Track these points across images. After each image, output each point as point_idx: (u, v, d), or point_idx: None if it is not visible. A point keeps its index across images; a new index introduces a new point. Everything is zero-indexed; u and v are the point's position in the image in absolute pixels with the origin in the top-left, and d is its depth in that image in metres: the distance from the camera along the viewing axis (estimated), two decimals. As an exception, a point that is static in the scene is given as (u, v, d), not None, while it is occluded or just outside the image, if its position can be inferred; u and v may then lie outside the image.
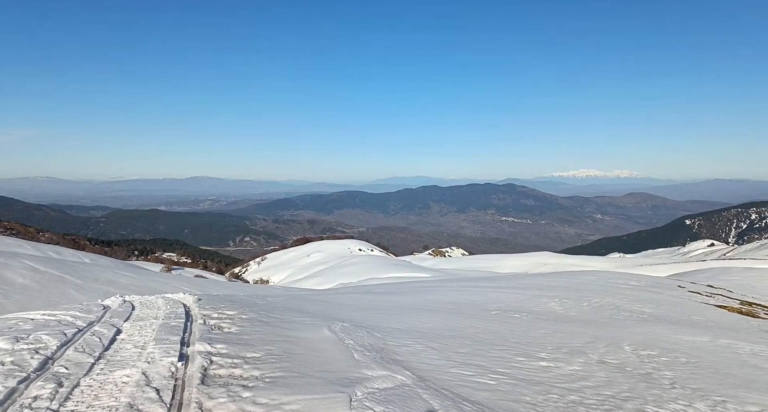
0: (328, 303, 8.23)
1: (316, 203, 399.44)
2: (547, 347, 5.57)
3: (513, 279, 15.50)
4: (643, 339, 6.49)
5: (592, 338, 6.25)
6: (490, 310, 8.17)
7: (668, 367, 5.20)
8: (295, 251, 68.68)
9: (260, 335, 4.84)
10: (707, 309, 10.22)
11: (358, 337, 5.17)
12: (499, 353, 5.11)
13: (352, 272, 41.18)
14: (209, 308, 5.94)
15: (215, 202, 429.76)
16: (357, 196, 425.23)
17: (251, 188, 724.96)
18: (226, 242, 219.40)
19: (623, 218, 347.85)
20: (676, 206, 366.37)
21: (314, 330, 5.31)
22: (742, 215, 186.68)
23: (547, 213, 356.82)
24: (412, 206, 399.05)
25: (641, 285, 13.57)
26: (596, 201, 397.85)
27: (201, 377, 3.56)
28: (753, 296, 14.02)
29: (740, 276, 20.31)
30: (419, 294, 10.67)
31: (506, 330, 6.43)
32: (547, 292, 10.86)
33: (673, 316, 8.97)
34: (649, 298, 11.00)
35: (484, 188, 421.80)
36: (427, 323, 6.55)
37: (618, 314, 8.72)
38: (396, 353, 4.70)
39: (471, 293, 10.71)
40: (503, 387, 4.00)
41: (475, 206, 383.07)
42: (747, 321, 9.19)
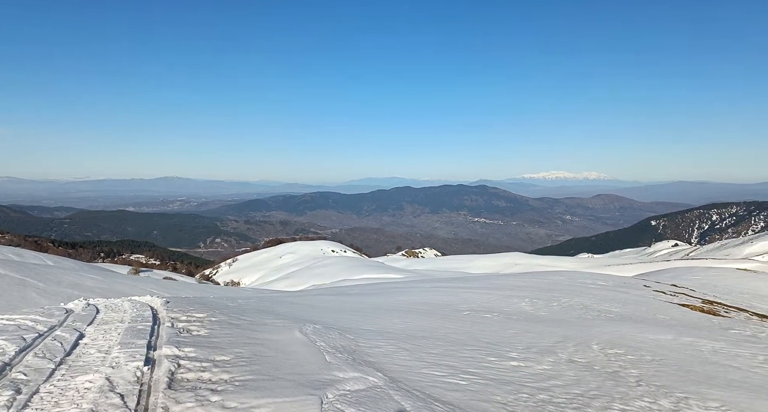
0: (299, 305, 8.15)
1: (288, 204, 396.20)
2: (517, 347, 5.63)
3: (484, 279, 15.65)
4: (611, 338, 6.63)
5: (562, 338, 6.35)
6: (462, 310, 8.22)
7: (634, 365, 5.31)
8: (267, 253, 67.98)
9: (230, 337, 4.76)
10: (671, 308, 10.51)
11: (329, 339, 5.13)
12: (470, 354, 5.15)
13: (325, 274, 40.97)
14: (178, 311, 5.81)
15: (185, 202, 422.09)
16: (330, 197, 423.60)
17: (222, 189, 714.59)
18: (196, 243, 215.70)
19: (592, 218, 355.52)
20: (642, 207, 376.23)
21: (285, 332, 5.24)
22: (703, 216, 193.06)
23: (518, 214, 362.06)
24: (385, 207, 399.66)
25: (609, 285, 13.86)
26: (566, 202, 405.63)
27: (168, 381, 3.48)
28: (714, 295, 14.47)
29: (702, 275, 20.95)
30: (392, 295, 10.67)
31: (478, 330, 6.48)
32: (518, 292, 11.00)
33: (639, 315, 9.19)
34: (617, 297, 11.25)
35: (457, 189, 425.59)
36: (399, 324, 6.55)
37: (586, 313, 8.89)
38: (368, 355, 4.68)
39: (443, 293, 10.76)
40: (474, 387, 4.02)
41: (447, 206, 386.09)
42: (708, 319, 9.48)
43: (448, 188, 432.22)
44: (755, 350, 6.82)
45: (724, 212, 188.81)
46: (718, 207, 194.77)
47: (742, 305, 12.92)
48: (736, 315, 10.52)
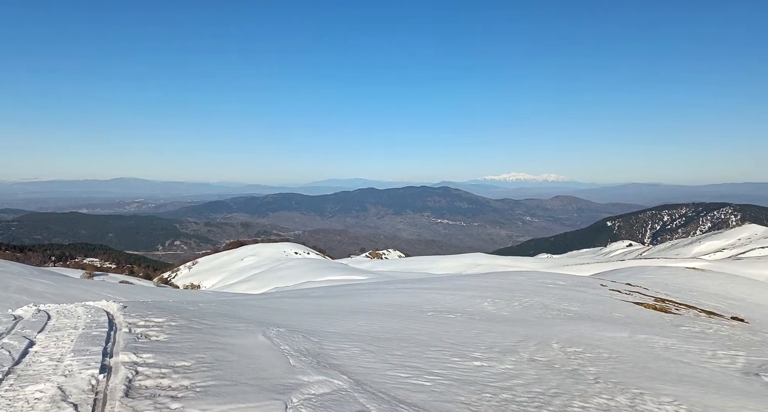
0: (262, 308, 8.03)
1: (250, 206, 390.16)
2: (480, 347, 5.71)
3: (448, 280, 15.81)
4: (570, 337, 6.80)
5: (523, 337, 6.47)
6: (426, 311, 8.28)
7: (592, 363, 5.47)
8: (228, 255, 66.72)
9: (191, 342, 4.64)
10: (626, 306, 10.86)
11: (293, 342, 5.07)
12: (434, 354, 5.18)
13: (288, 276, 40.52)
14: (135, 316, 5.63)
15: (142, 204, 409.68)
16: (293, 199, 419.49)
17: (181, 190, 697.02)
18: (154, 246, 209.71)
19: (551, 219, 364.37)
20: (598, 208, 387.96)
21: (248, 336, 5.15)
22: (656, 216, 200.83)
23: (479, 215, 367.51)
24: (349, 208, 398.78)
25: (567, 284, 14.23)
26: (526, 204, 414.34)
27: (125, 389, 3.36)
28: (665, 293, 15.04)
29: (654, 274, 21.76)
30: (356, 297, 10.65)
31: (441, 331, 6.53)
32: (481, 292, 11.15)
33: (596, 313, 9.46)
34: (575, 297, 11.55)
35: (420, 191, 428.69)
36: (363, 325, 6.54)
37: (547, 312, 9.09)
38: (333, 358, 4.65)
39: (407, 294, 10.81)
40: (439, 388, 4.05)
41: (411, 208, 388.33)
42: (661, 317, 9.84)
43: (412, 190, 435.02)
44: (704, 345, 7.12)
45: (675, 212, 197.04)
46: (669, 208, 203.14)
47: (691, 302, 13.47)
48: (685, 312, 10.96)
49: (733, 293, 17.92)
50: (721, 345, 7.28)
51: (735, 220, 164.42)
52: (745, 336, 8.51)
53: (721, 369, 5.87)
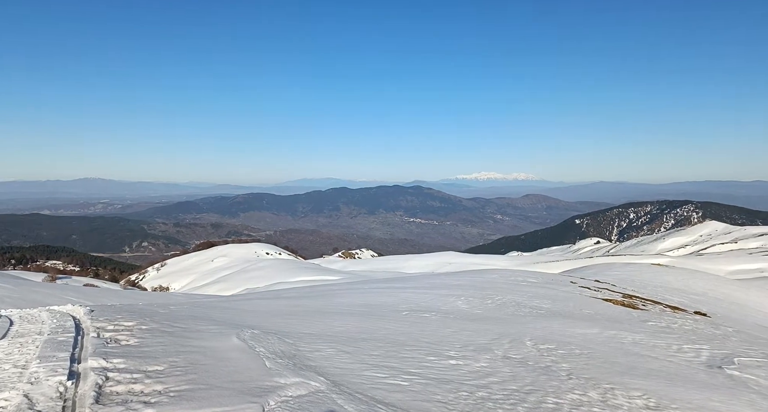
0: (235, 310, 7.92)
1: (220, 206, 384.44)
2: (455, 345, 5.75)
3: (421, 279, 15.89)
4: (542, 334, 6.91)
5: (497, 335, 6.55)
6: (401, 311, 8.30)
7: (565, 359, 5.57)
8: (198, 256, 65.58)
9: (163, 346, 4.54)
10: (596, 303, 11.11)
11: (268, 344, 5.01)
12: (410, 354, 5.20)
13: (260, 277, 40.07)
14: (104, 320, 5.48)
15: (108, 205, 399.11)
16: (264, 199, 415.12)
17: (149, 190, 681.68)
18: (121, 247, 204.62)
19: (521, 218, 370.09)
20: (567, 206, 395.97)
21: (222, 339, 5.07)
22: (622, 214, 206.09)
23: (452, 214, 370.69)
24: (321, 208, 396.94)
25: (539, 282, 14.47)
26: (497, 202, 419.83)
27: (95, 395, 3.26)
28: (632, 289, 15.44)
29: (621, 271, 22.32)
30: (330, 297, 10.60)
31: (417, 330, 6.56)
32: (454, 291, 11.24)
33: (567, 310, 9.65)
34: (546, 294, 11.76)
35: (393, 190, 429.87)
36: (339, 326, 6.52)
37: (519, 310, 9.22)
38: (309, 359, 4.62)
39: (381, 294, 10.82)
40: (416, 387, 4.07)
41: (384, 207, 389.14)
42: (629, 313, 10.10)
43: (385, 189, 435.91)
44: (670, 340, 7.34)
45: (640, 210, 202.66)
46: (634, 206, 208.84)
47: (656, 298, 13.86)
48: (652, 308, 11.27)
49: (695, 288, 18.53)
50: (686, 339, 7.51)
51: (696, 217, 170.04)
52: (707, 330, 8.80)
53: (687, 363, 6.05)
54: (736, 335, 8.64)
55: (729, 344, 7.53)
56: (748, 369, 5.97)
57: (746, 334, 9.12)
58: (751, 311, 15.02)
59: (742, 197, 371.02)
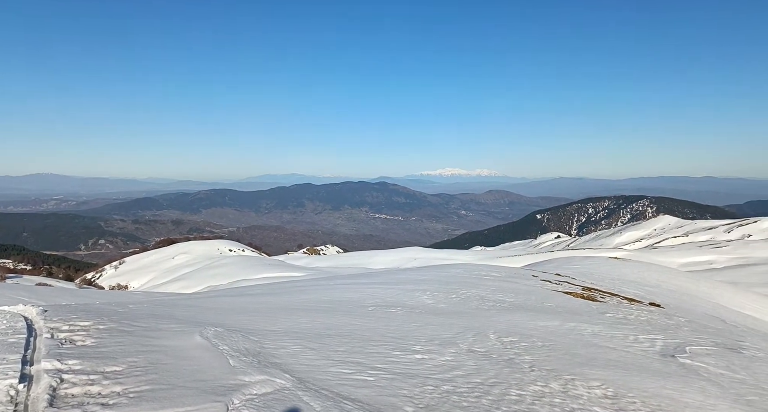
0: (198, 307, 7.76)
1: (181, 202, 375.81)
2: (421, 340, 5.80)
3: (387, 274, 15.94)
4: (506, 327, 7.04)
5: (462, 329, 6.63)
6: (367, 306, 8.30)
7: (527, 351, 5.69)
8: (158, 254, 63.93)
9: (122, 346, 4.41)
10: (556, 296, 11.39)
11: (232, 342, 4.93)
12: (376, 349, 5.21)
13: (222, 274, 39.39)
14: (58, 320, 5.26)
15: (62, 201, 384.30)
16: (226, 195, 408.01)
17: (106, 187, 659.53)
18: (76, 245, 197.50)
19: (484, 213, 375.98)
20: (528, 202, 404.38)
21: (184, 337, 4.96)
22: (581, 209, 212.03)
23: (416, 210, 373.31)
24: (285, 204, 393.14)
25: (501, 276, 14.73)
26: (460, 198, 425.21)
27: (49, 398, 3.13)
28: (591, 282, 15.90)
29: (581, 264, 22.97)
30: (295, 294, 10.52)
31: (382, 325, 6.57)
32: (420, 286, 11.32)
33: (530, 303, 9.86)
34: (509, 288, 11.98)
35: (358, 186, 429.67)
36: (304, 323, 6.47)
37: (483, 304, 9.36)
38: (274, 356, 4.57)
39: (347, 290, 10.80)
40: (382, 383, 4.08)
41: (349, 203, 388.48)
42: (588, 305, 10.40)
43: (350, 185, 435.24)
44: (627, 331, 7.59)
45: (598, 205, 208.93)
46: (593, 201, 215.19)
47: (614, 290, 14.32)
48: (610, 300, 11.64)
49: (650, 280, 19.24)
50: (641, 330, 7.79)
51: (651, 211, 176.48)
52: (661, 320, 9.15)
53: (642, 352, 6.27)
54: (688, 325, 9.02)
55: (681, 334, 7.85)
56: (699, 357, 6.24)
57: (696, 323, 9.53)
58: (700, 302, 15.70)
59: (693, 192, 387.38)
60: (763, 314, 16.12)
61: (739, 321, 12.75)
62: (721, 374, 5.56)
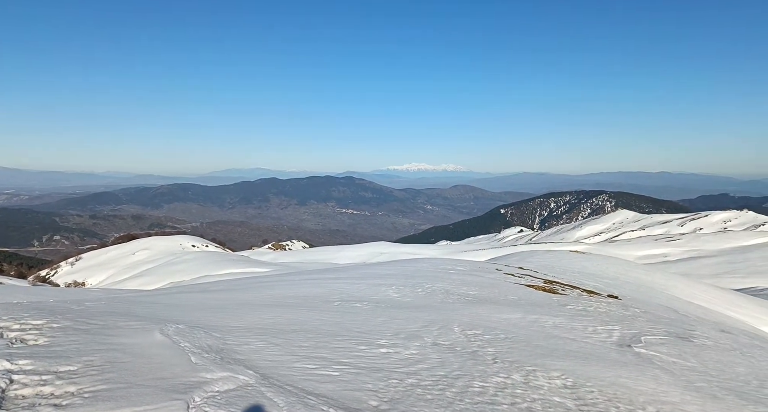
0: (159, 304, 7.57)
1: (141, 197, 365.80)
2: (386, 334, 5.81)
3: (353, 269, 15.92)
4: (470, 320, 7.14)
5: (427, 322, 6.69)
6: (332, 301, 8.28)
7: (490, 344, 5.78)
8: (118, 250, 62.05)
9: (77, 345, 4.26)
10: (519, 289, 11.61)
11: (194, 338, 4.83)
12: (341, 344, 5.20)
13: (185, 270, 38.57)
14: (8, 319, 5.05)
15: (13, 196, 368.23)
16: (189, 189, 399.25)
17: (61, 181, 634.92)
18: (28, 241, 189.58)
19: (450, 208, 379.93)
20: (493, 196, 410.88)
21: (144, 335, 4.83)
22: (543, 204, 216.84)
23: (383, 205, 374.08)
24: (250, 199, 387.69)
25: (466, 270, 14.92)
26: (427, 193, 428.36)
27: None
28: (553, 275, 16.28)
29: (543, 258, 23.48)
30: (260, 290, 10.39)
31: (348, 320, 6.57)
32: (386, 280, 11.36)
33: (493, 297, 10.02)
34: (473, 281, 12.15)
35: (325, 181, 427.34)
36: (268, 318, 6.40)
37: (448, 297, 9.47)
38: (237, 353, 4.50)
39: (313, 285, 10.74)
40: (346, 377, 4.07)
41: (315, 198, 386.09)
42: (549, 297, 10.64)
43: (316, 180, 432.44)
44: (586, 322, 7.81)
45: (560, 200, 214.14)
46: (555, 196, 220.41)
47: (574, 283, 14.70)
48: (570, 292, 11.94)
49: (609, 272, 19.84)
50: (600, 321, 8.02)
51: (610, 206, 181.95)
52: (619, 312, 9.45)
53: (601, 343, 6.47)
54: (643, 316, 9.34)
55: (637, 324, 8.13)
56: (653, 347, 6.47)
57: (652, 314, 9.89)
58: (656, 293, 16.29)
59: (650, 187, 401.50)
60: (713, 304, 16.86)
61: (690, 311, 13.30)
62: (674, 362, 5.79)
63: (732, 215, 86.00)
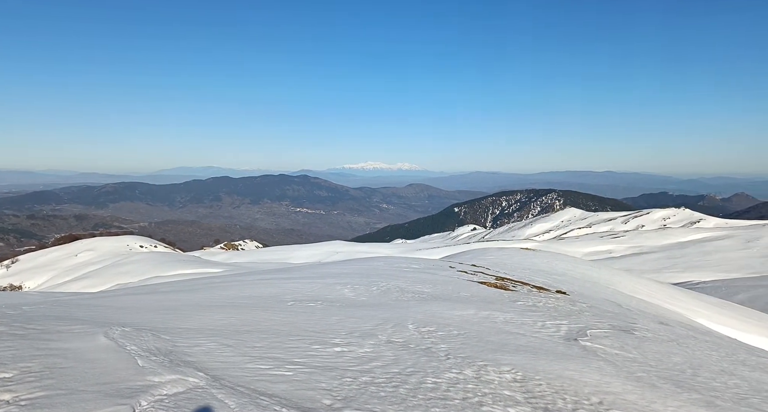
0: (104, 307, 7.27)
1: (85, 196, 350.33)
2: (341, 333, 5.80)
3: (308, 269, 15.80)
4: (424, 317, 7.22)
5: (381, 320, 6.72)
6: (286, 301, 8.18)
7: (443, 340, 5.87)
8: (59, 251, 59.15)
9: (13, 351, 4.04)
10: (472, 285, 11.83)
11: (142, 341, 4.67)
12: (295, 343, 5.15)
13: (132, 271, 37.21)
14: (-64, 326, 4.74)
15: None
16: (137, 188, 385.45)
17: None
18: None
19: (405, 206, 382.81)
20: (447, 195, 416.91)
21: (87, 339, 4.63)
22: (495, 202, 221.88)
23: (339, 203, 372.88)
24: (201, 198, 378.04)
25: (421, 268, 15.07)
26: (382, 192, 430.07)
27: (-76, 413, 2.82)
28: (505, 272, 16.67)
29: (495, 255, 24.00)
30: (212, 290, 10.14)
31: (302, 320, 6.51)
32: (341, 279, 11.33)
33: (447, 294, 10.17)
34: (428, 279, 12.28)
35: (279, 179, 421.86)
36: (221, 319, 6.26)
37: (402, 295, 9.54)
38: (187, 355, 4.39)
39: (266, 285, 10.58)
40: (300, 377, 4.04)
41: (269, 197, 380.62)
42: (501, 294, 10.89)
43: (270, 178, 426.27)
44: (536, 317, 8.04)
45: (511, 198, 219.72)
46: (506, 195, 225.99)
47: (525, 279, 15.10)
48: (521, 289, 12.26)
49: (558, 269, 20.50)
50: (548, 316, 8.28)
51: (559, 204, 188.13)
52: (566, 307, 9.78)
53: (549, 337, 6.67)
54: (589, 310, 9.71)
55: (583, 318, 8.43)
56: (598, 340, 6.74)
57: (597, 308, 10.29)
58: (601, 288, 16.96)
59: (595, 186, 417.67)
60: (653, 298, 17.71)
61: (632, 305, 13.93)
62: (616, 354, 6.05)
63: (671, 213, 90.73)
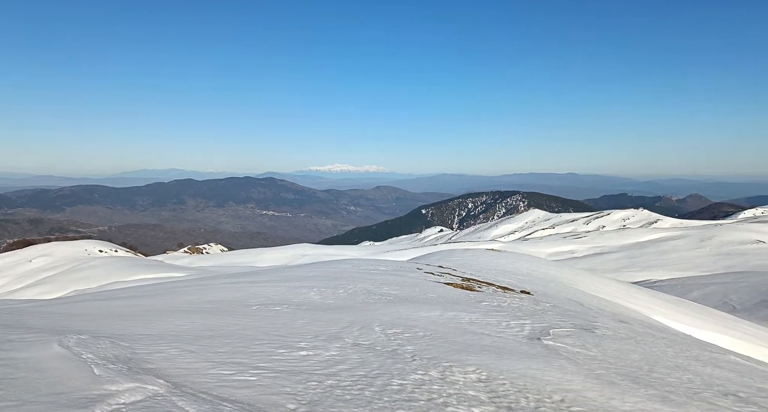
0: (58, 314, 7.01)
1: (40, 200, 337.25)
2: (306, 337, 5.75)
3: (273, 272, 15.60)
4: (390, 319, 7.22)
5: (348, 323, 6.69)
6: (251, 305, 8.06)
7: (410, 342, 5.89)
8: (11, 257, 56.73)
9: (-41, 363, 3.85)
10: (438, 287, 11.92)
11: (99, 349, 4.52)
12: (260, 348, 5.08)
13: (91, 277, 36.01)
14: None
15: None
16: (96, 191, 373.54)
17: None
18: None
19: (372, 209, 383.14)
20: (414, 197, 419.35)
21: (40, 348, 4.45)
22: (462, 204, 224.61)
23: (306, 206, 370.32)
24: (164, 201, 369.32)
25: (388, 269, 15.09)
26: (350, 194, 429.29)
27: None
28: (470, 273, 16.86)
29: (461, 257, 24.25)
30: (174, 295, 9.90)
31: (267, 324, 6.43)
32: (307, 282, 11.23)
33: (414, 295, 10.21)
34: (395, 281, 12.30)
35: (244, 182, 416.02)
36: (183, 325, 6.12)
37: (369, 297, 9.52)
38: (147, 362, 4.26)
39: (231, 289, 10.40)
40: (264, 382, 3.98)
41: (234, 200, 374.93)
42: (467, 294, 11.00)
43: (235, 181, 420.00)
44: (500, 317, 8.16)
45: (477, 200, 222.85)
46: (472, 196, 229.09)
47: (490, 280, 15.31)
48: (486, 289, 12.42)
49: (522, 269, 20.86)
50: (513, 316, 8.41)
51: (523, 206, 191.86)
52: (530, 306, 9.96)
53: (513, 337, 6.78)
54: (552, 310, 9.91)
55: (546, 318, 8.60)
56: (560, 338, 6.88)
57: (560, 308, 10.51)
58: (563, 288, 17.35)
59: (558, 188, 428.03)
60: (613, 297, 18.22)
61: (594, 304, 14.29)
62: (578, 352, 6.19)
63: (630, 214, 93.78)
